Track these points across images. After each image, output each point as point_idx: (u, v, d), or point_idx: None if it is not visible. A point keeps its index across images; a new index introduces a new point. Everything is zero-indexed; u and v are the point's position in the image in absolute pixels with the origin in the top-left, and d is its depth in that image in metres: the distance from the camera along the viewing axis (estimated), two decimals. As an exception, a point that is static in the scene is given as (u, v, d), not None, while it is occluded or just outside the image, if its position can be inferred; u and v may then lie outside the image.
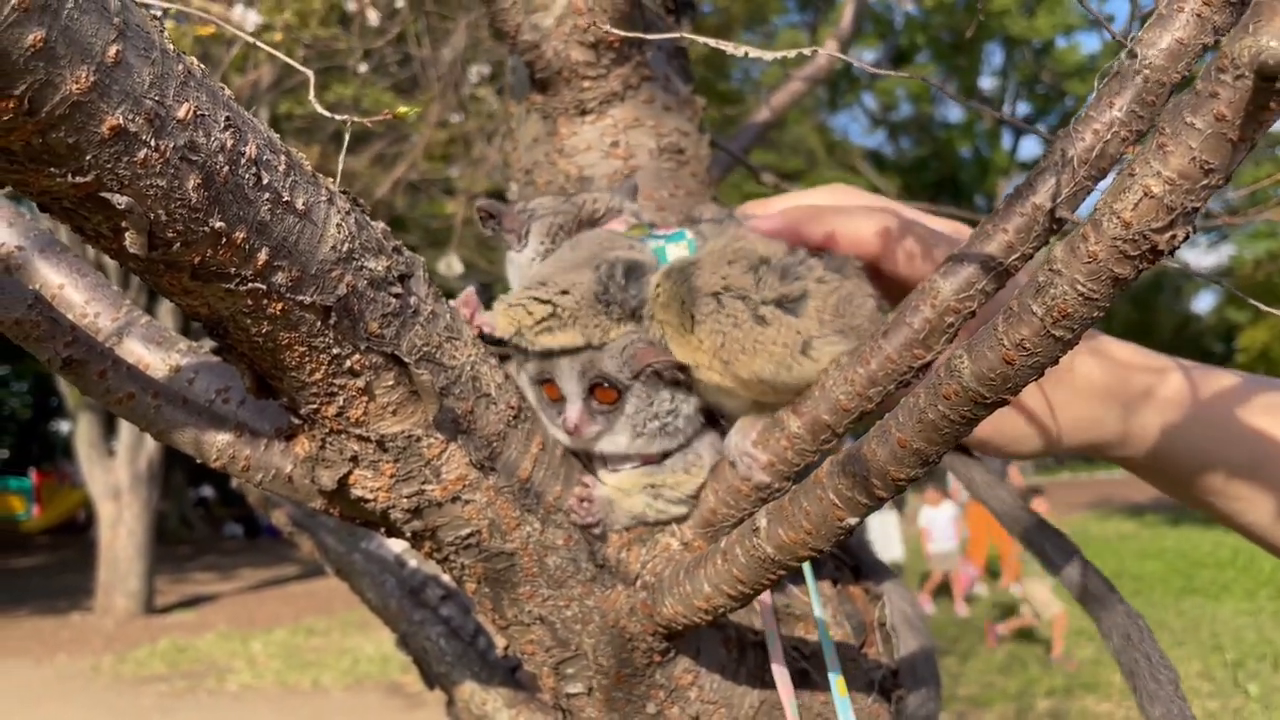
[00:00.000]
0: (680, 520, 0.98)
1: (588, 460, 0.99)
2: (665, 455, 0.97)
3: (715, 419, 1.00)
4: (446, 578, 1.46)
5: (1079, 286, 0.58)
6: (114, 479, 12.98)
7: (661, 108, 1.33)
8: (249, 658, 10.63)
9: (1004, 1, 23.46)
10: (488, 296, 1.01)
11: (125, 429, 12.65)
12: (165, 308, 11.17)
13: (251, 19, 3.91)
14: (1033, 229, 0.77)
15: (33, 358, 0.84)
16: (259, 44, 0.88)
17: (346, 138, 0.91)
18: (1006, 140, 28.85)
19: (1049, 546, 1.05)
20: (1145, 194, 0.55)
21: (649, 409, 0.95)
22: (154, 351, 0.94)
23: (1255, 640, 9.35)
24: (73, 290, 0.94)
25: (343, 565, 1.50)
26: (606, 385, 0.94)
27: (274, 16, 4.23)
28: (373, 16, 4.81)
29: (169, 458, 13.60)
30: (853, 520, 0.73)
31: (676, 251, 1.00)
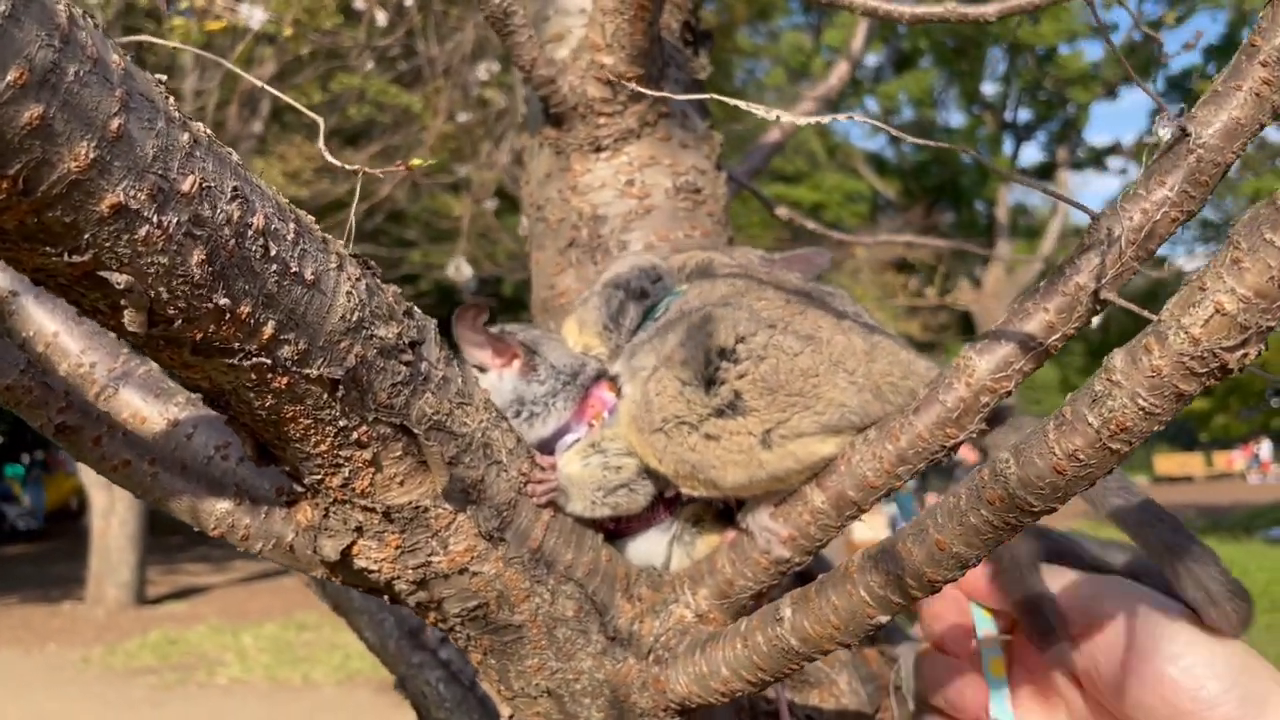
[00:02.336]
0: (634, 487, 0.95)
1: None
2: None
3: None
4: (446, 617, 1.43)
5: (1140, 400, 0.54)
6: (107, 469, 12.94)
7: (679, 145, 1.30)
8: (240, 651, 10.59)
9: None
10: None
11: (120, 419, 12.59)
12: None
13: (258, 15, 3.87)
14: (1075, 309, 0.73)
15: None
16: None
17: (358, 188, 0.87)
18: (1008, 147, 28.83)
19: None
20: (1217, 310, 0.51)
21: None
22: (151, 404, 0.91)
23: (1247, 655, 9.32)
24: (68, 338, 0.90)
25: (339, 601, 1.47)
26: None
27: (283, 10, 4.19)
28: (381, 17, 4.76)
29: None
30: (884, 618, 0.69)
31: None
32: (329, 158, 0.87)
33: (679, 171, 1.28)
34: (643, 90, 1.14)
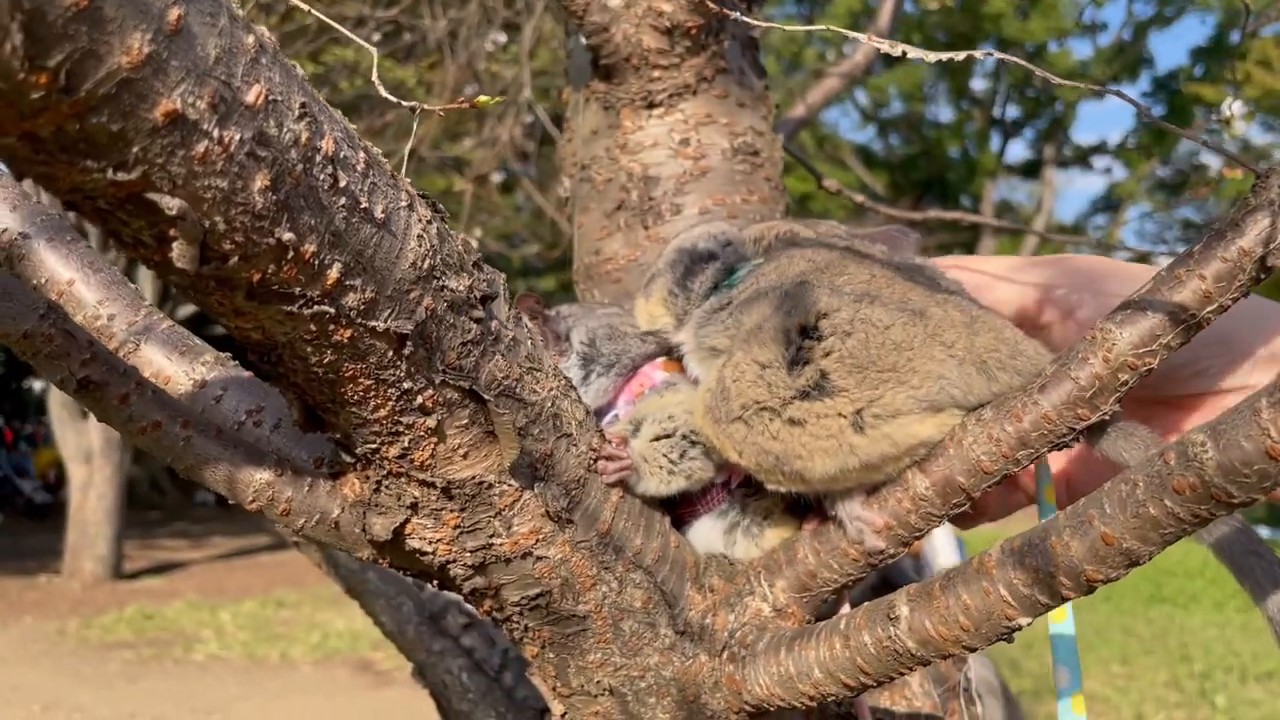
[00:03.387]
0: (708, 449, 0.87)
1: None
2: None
3: None
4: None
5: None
6: (86, 441, 12.74)
7: (736, 104, 1.21)
8: (217, 628, 10.48)
9: (999, 4, 23.37)
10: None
11: (99, 391, 12.41)
12: (143, 273, 10.95)
13: (255, -21, 3.74)
14: (1236, 277, 0.65)
15: None
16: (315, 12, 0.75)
17: (416, 125, 0.78)
18: (995, 143, 28.83)
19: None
20: None
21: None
22: (176, 362, 0.81)
23: (1223, 652, 9.36)
24: (84, 287, 0.81)
25: (354, 584, 1.38)
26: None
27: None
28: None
29: (143, 422, 13.34)
30: (1025, 621, 0.61)
31: None
32: (381, 90, 0.78)
33: (736, 132, 1.20)
34: (709, 17, 1.05)
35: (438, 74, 6.26)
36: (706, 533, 0.92)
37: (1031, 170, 27.89)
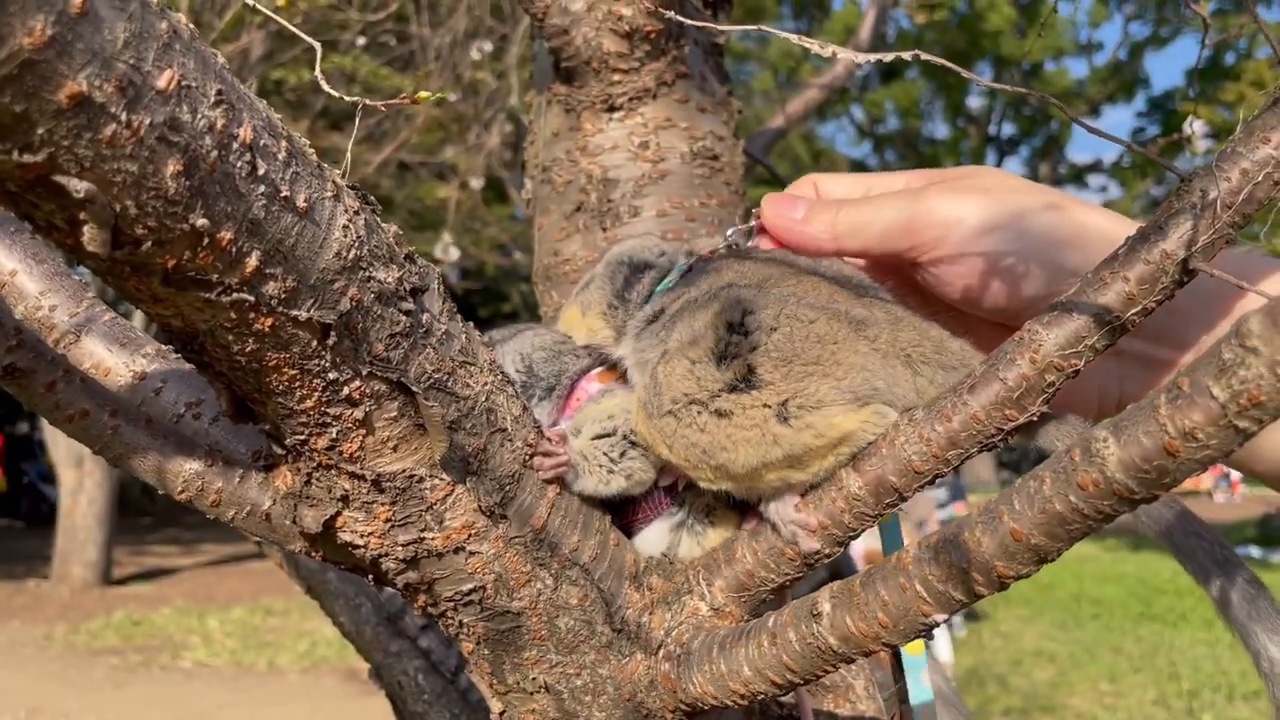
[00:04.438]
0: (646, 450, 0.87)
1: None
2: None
3: None
4: (428, 604, 1.34)
5: None
6: (77, 446, 12.72)
7: (696, 108, 1.21)
8: (205, 635, 10.45)
9: (997, 22, 23.48)
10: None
11: (91, 396, 12.38)
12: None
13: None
14: (1159, 280, 0.65)
15: None
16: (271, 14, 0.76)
17: (358, 120, 0.78)
18: (991, 160, 28.91)
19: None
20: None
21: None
22: (116, 353, 0.81)
23: (1212, 671, 9.35)
24: (26, 278, 0.81)
25: (314, 584, 1.38)
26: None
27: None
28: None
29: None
30: (941, 617, 0.61)
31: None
32: (325, 88, 0.78)
33: (696, 136, 1.20)
34: (664, 24, 1.05)
35: (432, 83, 6.28)
36: (655, 538, 0.92)
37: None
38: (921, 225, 0.85)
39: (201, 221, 0.54)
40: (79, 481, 12.80)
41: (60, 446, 12.89)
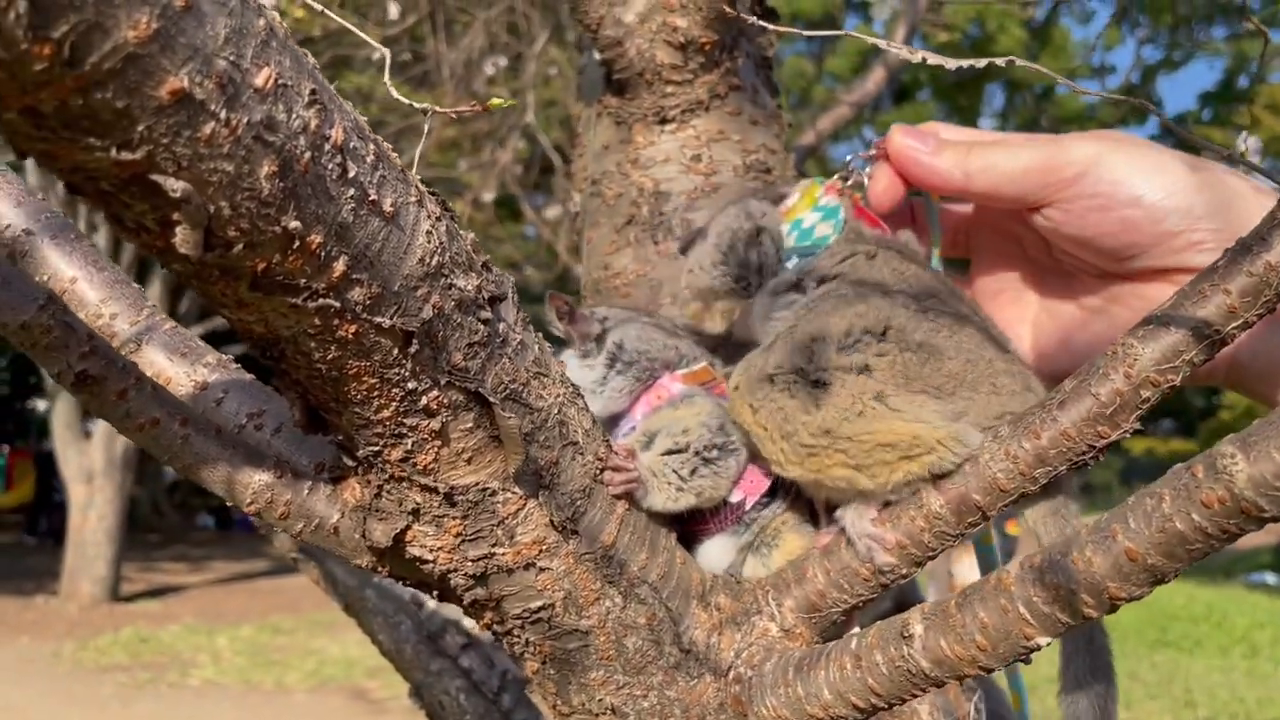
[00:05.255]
0: (719, 467, 0.86)
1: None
2: None
3: None
4: (469, 622, 1.32)
5: None
6: (88, 462, 12.72)
7: (748, 121, 1.20)
8: (213, 653, 10.41)
9: (1008, 44, 23.54)
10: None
11: (103, 412, 12.41)
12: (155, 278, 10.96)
13: None
14: (1262, 293, 0.63)
15: None
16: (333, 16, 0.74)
17: (426, 129, 0.77)
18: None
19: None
20: None
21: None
22: (177, 364, 0.80)
23: (1227, 698, 9.26)
24: (87, 286, 0.80)
25: (352, 601, 1.35)
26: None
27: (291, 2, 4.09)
28: (393, 10, 4.66)
29: (145, 444, 13.30)
30: (1044, 641, 0.59)
31: (824, 229, 0.93)
32: (395, 94, 0.77)
33: (749, 149, 1.19)
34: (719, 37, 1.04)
35: (441, 102, 6.30)
36: (716, 552, 0.90)
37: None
38: (1060, 164, 0.85)
39: (294, 224, 0.52)
40: (89, 498, 12.80)
41: (71, 462, 12.89)
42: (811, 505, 0.90)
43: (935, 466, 0.76)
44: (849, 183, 0.96)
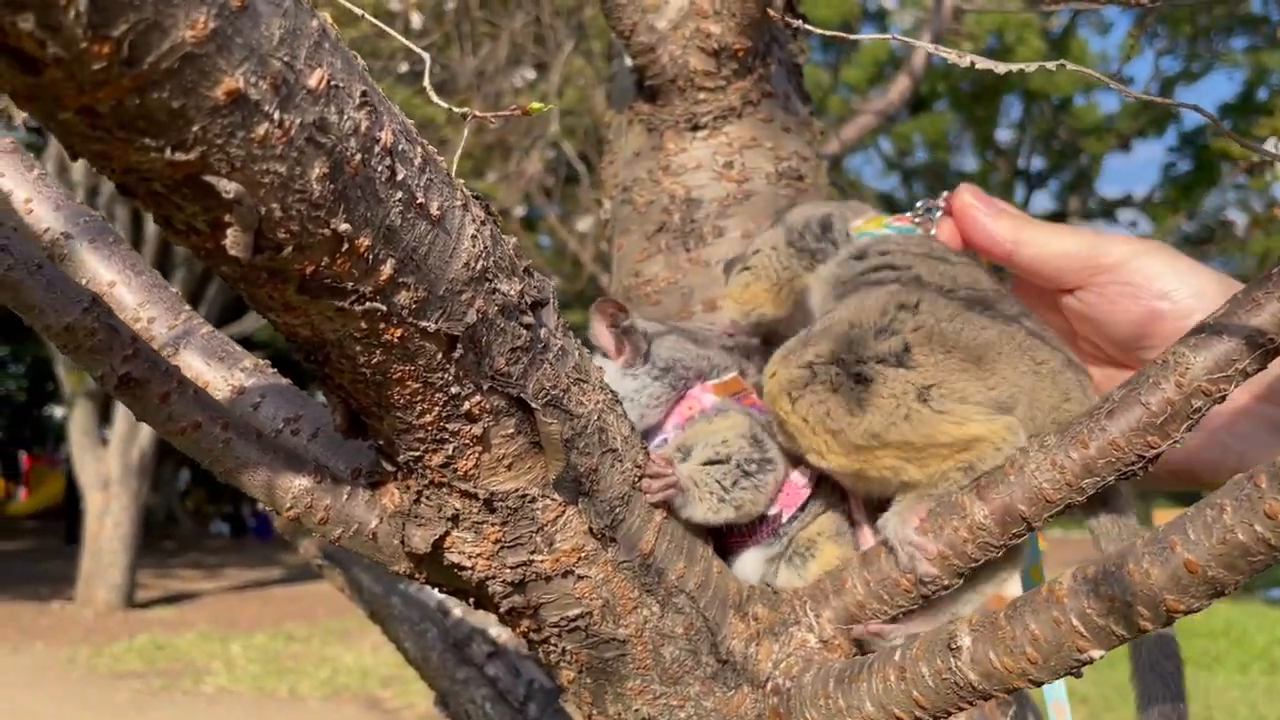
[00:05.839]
0: (759, 481, 0.85)
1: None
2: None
3: None
4: (495, 630, 1.31)
5: None
6: (104, 469, 12.78)
7: (780, 128, 1.19)
8: (227, 660, 10.43)
9: (1027, 55, 23.45)
10: None
11: (120, 419, 12.46)
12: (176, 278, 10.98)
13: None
14: (1317, 302, 0.62)
15: (33, 338, 0.69)
16: (380, 25, 0.74)
17: (465, 133, 0.77)
18: (1019, 194, 28.83)
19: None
20: None
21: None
22: (215, 368, 0.80)
23: (1248, 715, 9.16)
24: (125, 289, 0.80)
25: (378, 608, 1.35)
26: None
27: (320, 11, 4.10)
28: (416, 20, 4.68)
29: (160, 451, 13.38)
30: (1097, 654, 0.58)
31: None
32: (435, 98, 0.76)
33: (781, 156, 1.18)
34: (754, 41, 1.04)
35: (471, 109, 6.31)
36: (750, 564, 0.89)
37: (1056, 222, 27.83)
38: (1102, 252, 0.91)
39: (343, 226, 0.52)
40: (105, 504, 12.86)
41: (88, 469, 12.96)
42: (848, 513, 0.90)
43: (987, 456, 0.77)
44: (917, 221, 0.98)
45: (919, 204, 1.01)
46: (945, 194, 1.00)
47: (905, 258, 0.90)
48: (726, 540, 0.89)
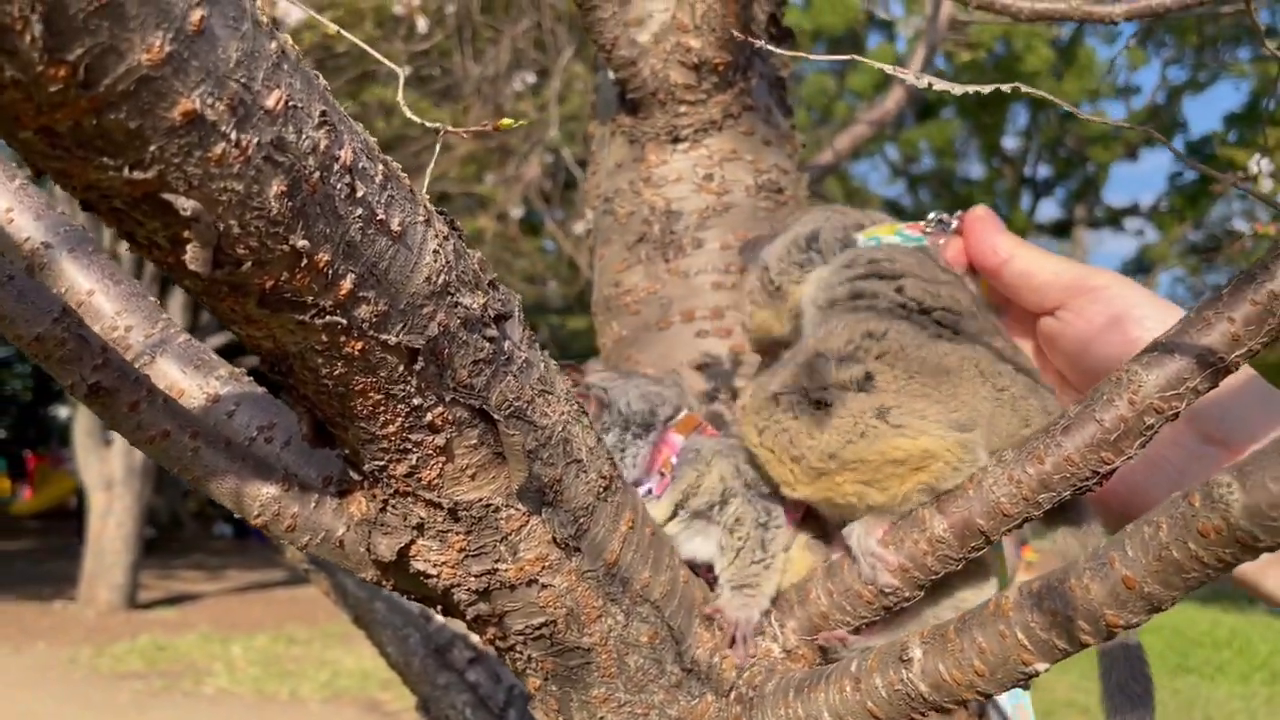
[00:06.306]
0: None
1: None
2: None
3: None
4: (477, 637, 1.32)
5: None
6: (108, 469, 12.80)
7: (761, 141, 1.21)
8: (228, 661, 10.44)
9: (1034, 63, 23.42)
10: None
11: (124, 419, 12.48)
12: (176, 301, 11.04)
13: (295, 14, 3.81)
14: (1266, 321, 0.64)
15: None
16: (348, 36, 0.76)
17: (437, 148, 0.78)
18: (1025, 202, 28.79)
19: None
20: None
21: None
22: (190, 376, 0.81)
23: (1249, 726, 9.13)
24: (103, 298, 0.81)
25: (362, 613, 1.36)
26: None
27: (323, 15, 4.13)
28: (422, 24, 4.70)
29: (165, 452, 13.38)
30: (1042, 667, 0.59)
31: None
32: (409, 113, 0.78)
33: (761, 169, 1.19)
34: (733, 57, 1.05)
35: (466, 116, 6.34)
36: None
37: (1062, 230, 27.80)
38: (1087, 276, 0.95)
39: (302, 243, 0.53)
40: (109, 504, 12.88)
41: (91, 469, 12.98)
42: (824, 522, 0.91)
43: (944, 475, 0.77)
44: (928, 232, 1.00)
45: (931, 215, 1.03)
46: (960, 213, 1.02)
47: (894, 266, 0.91)
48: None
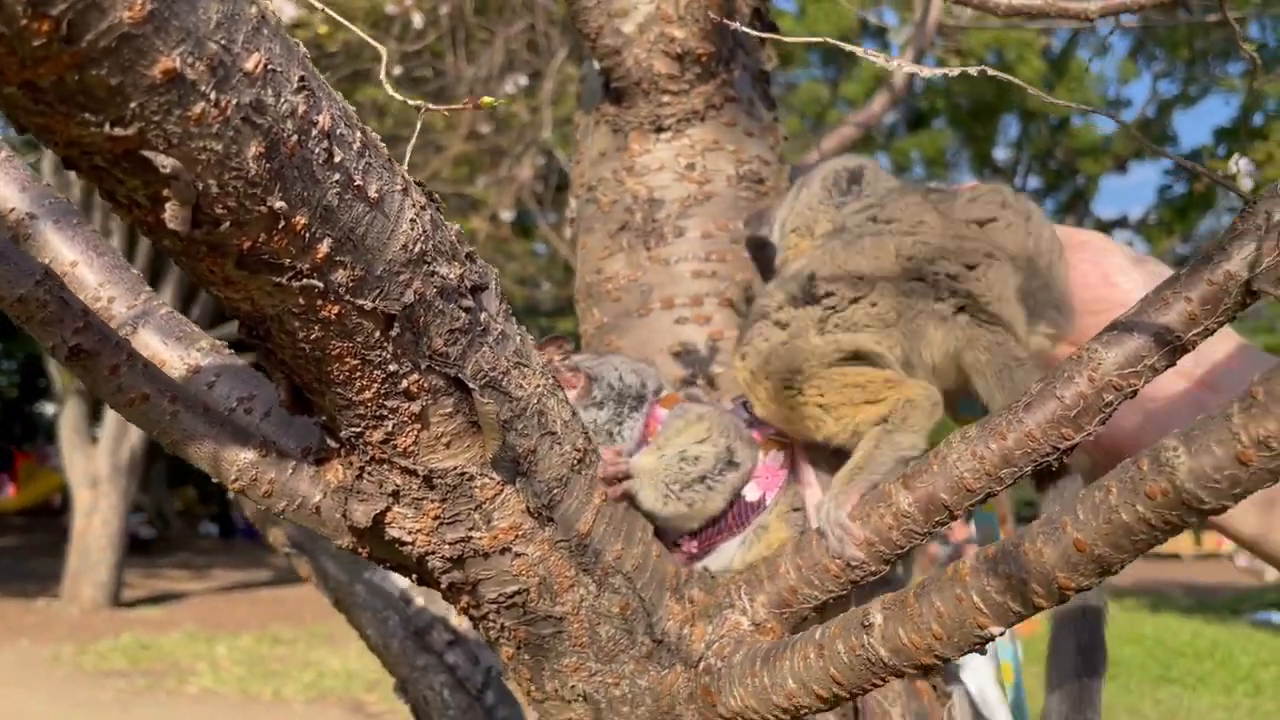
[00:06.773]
0: (711, 482, 0.91)
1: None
2: None
3: None
4: (456, 619, 1.34)
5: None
6: (94, 467, 12.75)
7: (743, 132, 1.22)
8: (212, 661, 10.40)
9: (1026, 74, 23.52)
10: None
11: (111, 417, 12.45)
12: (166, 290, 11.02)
13: (288, 11, 3.82)
14: (1222, 301, 0.65)
15: (26, 337, 0.71)
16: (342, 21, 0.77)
17: (418, 125, 0.79)
18: (1017, 210, 28.78)
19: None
20: None
21: None
22: (172, 347, 0.82)
23: (1231, 736, 9.15)
24: (86, 269, 0.82)
25: (342, 596, 1.37)
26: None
27: (315, 14, 4.14)
28: (417, 20, 4.71)
29: (151, 452, 13.37)
30: (997, 630, 0.60)
31: None
32: (390, 90, 0.79)
33: (743, 159, 1.21)
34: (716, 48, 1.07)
35: (460, 117, 6.36)
36: (732, 550, 0.93)
37: (1050, 241, 27.87)
38: (1073, 232, 1.02)
39: (279, 204, 0.55)
40: (94, 502, 12.82)
41: (77, 467, 12.93)
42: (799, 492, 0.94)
43: (894, 411, 0.85)
44: None
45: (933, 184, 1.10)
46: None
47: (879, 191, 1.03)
48: (711, 538, 0.92)
